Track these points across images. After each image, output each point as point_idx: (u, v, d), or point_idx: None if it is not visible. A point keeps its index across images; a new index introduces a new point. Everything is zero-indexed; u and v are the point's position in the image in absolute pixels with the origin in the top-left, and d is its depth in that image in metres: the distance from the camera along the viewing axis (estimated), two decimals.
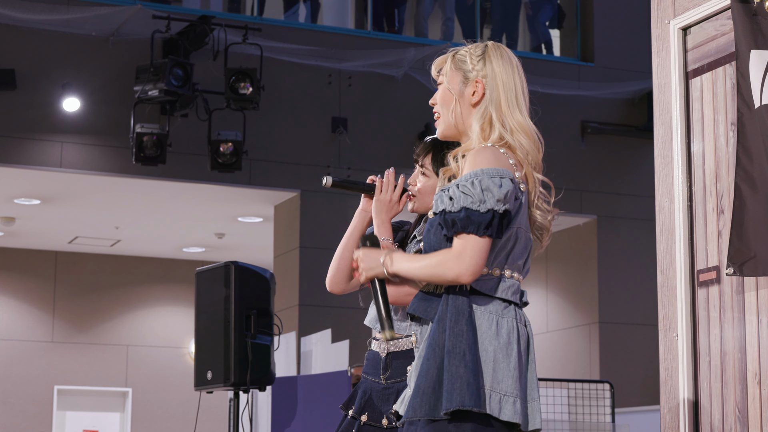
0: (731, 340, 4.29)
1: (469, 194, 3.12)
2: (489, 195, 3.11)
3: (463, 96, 3.32)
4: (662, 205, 4.63)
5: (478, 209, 3.10)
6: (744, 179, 4.11)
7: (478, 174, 3.13)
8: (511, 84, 3.35)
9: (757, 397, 4.16)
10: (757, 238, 4.06)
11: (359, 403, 4.09)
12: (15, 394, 14.70)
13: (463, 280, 3.10)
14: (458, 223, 3.12)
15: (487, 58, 3.33)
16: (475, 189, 3.12)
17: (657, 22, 4.74)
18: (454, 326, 3.10)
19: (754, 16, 4.14)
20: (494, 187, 3.11)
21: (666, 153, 4.63)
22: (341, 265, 4.11)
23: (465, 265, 3.09)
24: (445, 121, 3.35)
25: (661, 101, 4.68)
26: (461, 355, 3.05)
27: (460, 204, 3.12)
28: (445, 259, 3.11)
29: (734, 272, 4.14)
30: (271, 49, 11.44)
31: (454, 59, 3.36)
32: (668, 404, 4.50)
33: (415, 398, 3.08)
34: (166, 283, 15.56)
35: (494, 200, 3.11)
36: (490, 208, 3.10)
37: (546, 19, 13.54)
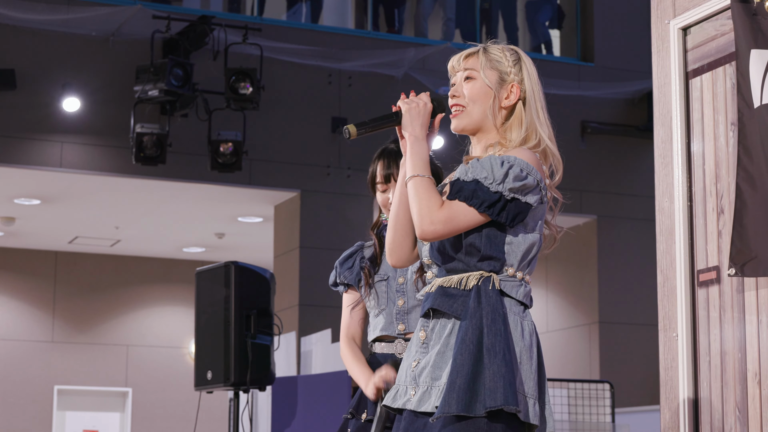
0: (731, 340, 4.29)
1: (486, 170, 3.15)
2: (508, 180, 3.13)
3: (498, 95, 3.32)
4: (662, 205, 4.63)
5: (488, 186, 3.13)
6: (745, 179, 4.11)
7: (510, 160, 3.17)
8: (541, 93, 3.38)
9: (757, 397, 4.16)
10: (758, 239, 4.06)
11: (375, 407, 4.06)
12: (15, 394, 14.70)
13: (420, 236, 3.14)
14: (463, 191, 3.14)
15: (523, 65, 3.35)
16: (496, 170, 3.14)
17: (657, 22, 4.74)
18: (492, 324, 3.10)
19: (754, 16, 4.14)
20: (515, 177, 3.14)
21: (666, 153, 4.63)
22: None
23: (444, 229, 3.12)
24: (472, 116, 3.33)
25: (661, 101, 4.68)
26: (501, 354, 3.06)
27: (474, 175, 3.15)
28: (433, 208, 3.13)
29: (736, 273, 4.14)
30: (271, 49, 11.44)
31: (488, 57, 3.35)
32: (668, 404, 4.50)
33: (450, 393, 3.05)
34: (166, 283, 15.56)
35: (508, 187, 3.13)
36: (500, 190, 3.13)
37: (545, 19, 13.54)
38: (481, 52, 3.37)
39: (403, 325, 4.06)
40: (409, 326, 4.07)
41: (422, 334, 3.24)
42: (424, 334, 3.23)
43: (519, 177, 3.15)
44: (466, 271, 3.19)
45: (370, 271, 4.18)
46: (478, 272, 3.18)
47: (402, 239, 3.32)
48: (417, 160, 3.23)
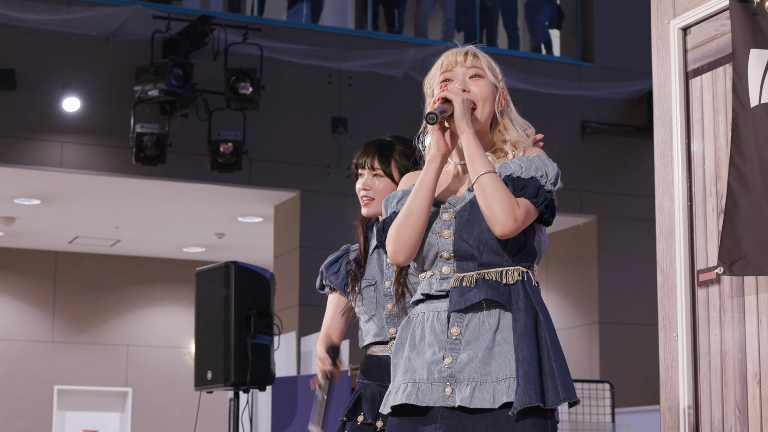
0: (731, 340, 4.29)
1: (541, 169, 3.21)
2: (557, 181, 3.22)
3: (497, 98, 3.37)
4: (662, 205, 4.63)
5: (545, 185, 3.19)
6: (736, 178, 4.11)
7: (548, 161, 3.24)
8: None
9: (757, 397, 4.16)
10: (748, 238, 4.06)
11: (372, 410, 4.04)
12: (15, 394, 14.70)
13: (501, 232, 3.13)
14: (528, 188, 3.17)
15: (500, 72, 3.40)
16: (550, 170, 3.22)
17: (657, 22, 4.74)
18: (545, 319, 3.14)
19: (754, 16, 4.14)
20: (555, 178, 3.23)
21: (666, 153, 4.63)
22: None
23: (516, 227, 3.13)
24: (483, 115, 3.33)
25: (661, 101, 4.68)
26: (561, 347, 3.12)
27: (531, 173, 3.19)
28: (513, 206, 3.13)
29: (724, 272, 4.14)
30: (271, 49, 11.44)
31: (486, 60, 3.38)
32: (668, 404, 4.50)
33: (528, 385, 3.05)
34: (166, 283, 15.56)
35: (554, 187, 3.22)
36: (552, 190, 3.21)
37: (545, 20, 13.54)
38: (480, 54, 3.38)
39: (394, 328, 4.03)
40: None
41: (455, 329, 3.17)
42: (458, 330, 3.17)
43: (559, 177, 3.25)
44: (502, 266, 3.17)
45: (357, 276, 4.14)
46: (515, 267, 3.17)
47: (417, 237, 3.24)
48: (480, 155, 3.20)
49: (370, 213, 4.09)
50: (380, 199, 4.04)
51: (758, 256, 4.03)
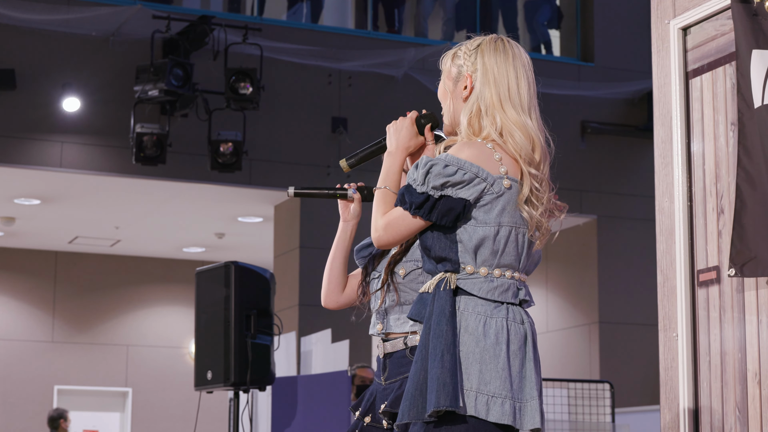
0: (731, 340, 4.29)
1: (412, 173, 3.18)
2: (430, 179, 3.13)
3: (455, 92, 3.30)
4: (662, 205, 4.63)
5: (415, 189, 3.15)
6: (744, 179, 4.11)
7: (434, 160, 3.16)
8: (504, 78, 3.25)
9: (757, 397, 4.16)
10: (758, 239, 4.05)
11: (365, 405, 4.11)
12: (15, 394, 14.70)
13: (376, 245, 3.23)
14: (399, 197, 3.20)
15: (480, 52, 3.28)
16: (419, 171, 3.16)
17: (657, 22, 4.74)
18: (436, 327, 3.09)
19: (755, 16, 4.14)
20: (437, 174, 3.13)
21: (666, 153, 4.63)
22: (332, 278, 4.12)
23: (386, 235, 3.20)
24: (446, 117, 3.36)
25: (661, 101, 4.68)
26: (440, 356, 3.04)
27: (407, 179, 3.20)
28: (377, 217, 3.23)
29: (736, 273, 4.13)
30: (271, 49, 11.44)
31: (454, 55, 3.35)
32: (668, 404, 4.50)
33: (404, 402, 3.08)
34: (166, 283, 15.56)
35: (431, 185, 3.13)
36: (425, 191, 3.13)
37: (545, 20, 13.54)
38: (453, 51, 3.36)
39: (381, 325, 4.06)
40: (386, 326, 4.06)
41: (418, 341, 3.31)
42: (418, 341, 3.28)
43: (442, 174, 3.12)
44: (434, 273, 3.20)
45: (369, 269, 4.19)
46: (439, 274, 3.18)
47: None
48: (383, 172, 3.32)
49: None
50: None
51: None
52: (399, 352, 4.02)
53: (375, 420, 4.05)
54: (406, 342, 4.00)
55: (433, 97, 11.03)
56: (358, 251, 4.29)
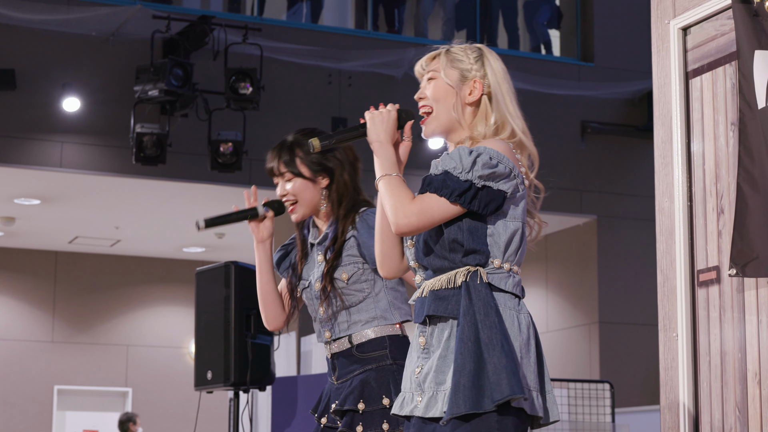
0: (731, 340, 4.29)
1: (455, 160, 3.15)
2: (476, 168, 3.12)
3: (458, 94, 3.33)
4: (662, 205, 4.63)
5: (458, 176, 3.12)
6: (746, 179, 4.10)
7: (479, 149, 3.16)
8: (510, 85, 3.37)
9: (757, 397, 4.16)
10: (760, 239, 4.06)
11: (321, 407, 4.09)
12: (15, 394, 14.70)
13: (396, 232, 3.16)
14: (433, 183, 3.15)
15: (486, 60, 3.37)
16: (465, 159, 3.14)
17: (657, 22, 4.74)
18: (485, 319, 3.08)
19: (756, 17, 4.14)
20: (483, 164, 3.13)
21: (666, 153, 4.63)
22: (269, 303, 4.09)
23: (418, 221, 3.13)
24: (440, 118, 3.35)
25: (661, 101, 4.68)
26: (500, 346, 3.04)
27: (443, 167, 3.16)
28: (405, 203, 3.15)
29: (737, 273, 4.13)
30: (271, 49, 11.44)
31: (448, 56, 3.37)
32: (668, 404, 4.50)
33: (456, 394, 3.04)
34: (166, 283, 15.56)
35: (478, 175, 3.12)
36: (470, 179, 3.12)
37: (544, 20, 13.54)
38: (443, 53, 3.40)
39: (329, 332, 4.04)
40: (335, 332, 4.03)
41: (422, 340, 3.22)
42: (424, 340, 3.22)
43: (488, 164, 3.13)
44: (453, 268, 3.17)
45: (294, 282, 4.15)
46: (464, 268, 3.16)
47: (390, 250, 3.36)
48: (383, 161, 3.27)
49: (298, 218, 4.09)
50: (304, 201, 4.09)
51: None
52: (345, 351, 3.99)
53: (330, 420, 4.03)
54: (351, 340, 3.98)
55: None
56: (278, 264, 4.25)
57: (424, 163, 13.34)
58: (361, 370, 3.96)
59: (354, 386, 3.94)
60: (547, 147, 12.54)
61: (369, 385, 3.93)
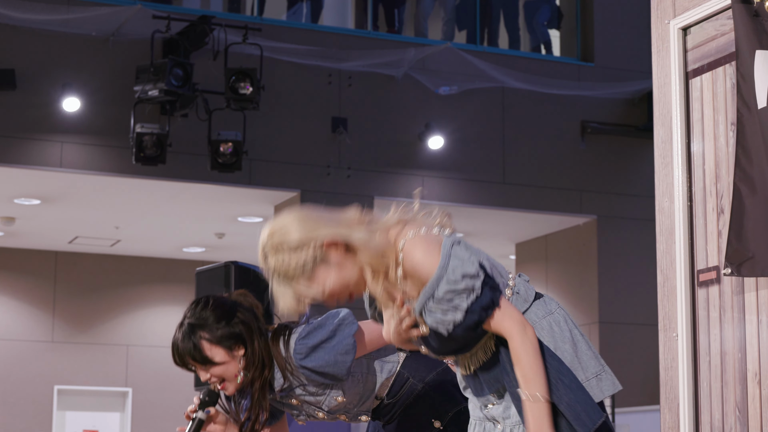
0: (731, 340, 4.29)
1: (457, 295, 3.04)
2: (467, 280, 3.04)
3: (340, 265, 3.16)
4: (662, 205, 4.63)
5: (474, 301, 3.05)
6: (743, 179, 4.10)
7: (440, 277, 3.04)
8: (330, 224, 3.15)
9: (757, 397, 4.16)
10: (756, 239, 4.05)
11: None
12: (15, 394, 14.70)
13: (531, 336, 3.08)
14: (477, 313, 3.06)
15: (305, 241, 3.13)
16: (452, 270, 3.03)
17: (657, 22, 4.74)
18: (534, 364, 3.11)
19: (756, 17, 4.14)
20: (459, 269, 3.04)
21: (666, 153, 4.63)
22: None
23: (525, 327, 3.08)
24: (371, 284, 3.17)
25: (661, 101, 4.68)
26: (559, 384, 3.07)
27: (464, 307, 3.05)
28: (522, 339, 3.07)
29: (732, 272, 4.13)
30: (271, 49, 11.44)
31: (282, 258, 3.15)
32: (668, 404, 4.50)
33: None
34: (166, 283, 15.56)
35: (469, 274, 3.05)
36: (472, 286, 3.04)
37: (544, 20, 13.54)
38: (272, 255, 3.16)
39: (366, 416, 4.01)
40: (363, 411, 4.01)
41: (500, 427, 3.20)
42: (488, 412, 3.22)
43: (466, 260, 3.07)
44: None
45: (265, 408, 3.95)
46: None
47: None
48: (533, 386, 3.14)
49: (232, 392, 3.87)
50: (230, 376, 3.83)
51: (767, 256, 4.03)
52: (377, 407, 3.98)
53: None
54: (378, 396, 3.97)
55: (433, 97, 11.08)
56: None
57: (423, 163, 13.30)
58: (402, 406, 3.95)
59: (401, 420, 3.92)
60: (547, 147, 12.55)
61: (415, 415, 3.93)
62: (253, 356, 3.82)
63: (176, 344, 3.83)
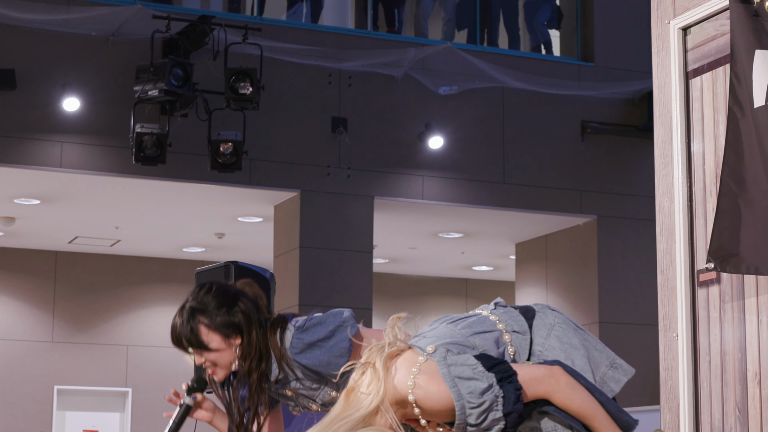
0: (731, 340, 4.28)
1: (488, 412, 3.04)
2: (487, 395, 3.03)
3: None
4: (662, 205, 4.63)
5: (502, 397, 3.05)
6: (731, 177, 4.11)
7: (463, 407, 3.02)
8: None
9: (757, 397, 4.16)
10: (743, 237, 4.06)
11: None
12: (15, 394, 14.70)
13: (563, 381, 3.15)
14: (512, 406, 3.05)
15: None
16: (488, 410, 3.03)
17: (657, 22, 4.74)
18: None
19: (756, 17, 4.14)
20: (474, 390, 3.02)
21: (666, 153, 4.63)
22: None
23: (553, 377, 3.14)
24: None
25: (661, 101, 4.68)
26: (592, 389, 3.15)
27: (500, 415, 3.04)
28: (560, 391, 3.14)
29: (715, 267, 4.14)
30: (271, 49, 11.43)
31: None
32: (668, 404, 4.50)
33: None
34: (166, 283, 15.55)
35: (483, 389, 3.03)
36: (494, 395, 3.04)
37: (544, 20, 13.54)
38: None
39: None
40: None
41: None
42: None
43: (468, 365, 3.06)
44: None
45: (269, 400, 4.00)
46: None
47: None
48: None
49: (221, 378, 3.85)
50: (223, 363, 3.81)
51: (753, 254, 4.03)
52: None
53: None
54: None
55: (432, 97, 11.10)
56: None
57: (423, 163, 13.28)
58: None
59: None
60: (547, 147, 12.55)
61: None
62: (249, 347, 3.77)
63: (175, 326, 3.82)
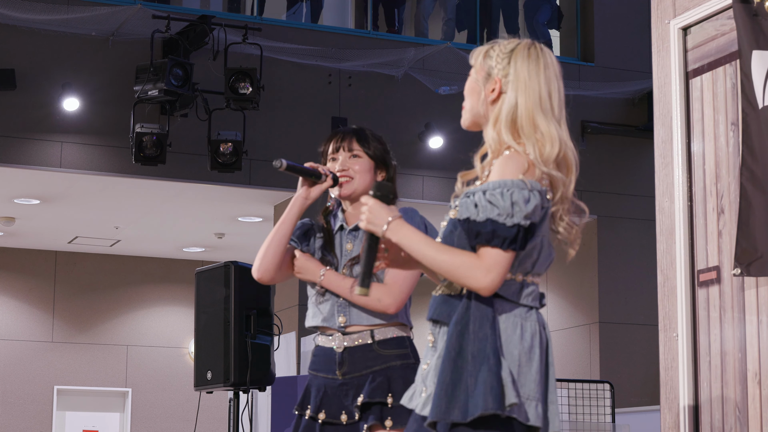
0: (731, 340, 4.28)
1: (496, 205, 3.06)
2: (517, 209, 3.05)
3: (482, 92, 3.28)
4: (662, 205, 4.63)
5: (504, 222, 3.05)
6: (749, 179, 4.10)
7: (509, 185, 3.07)
8: (536, 86, 3.33)
9: (757, 397, 4.16)
10: (764, 238, 4.05)
11: (315, 402, 4.02)
12: (15, 394, 14.70)
13: (484, 293, 3.06)
14: (483, 235, 3.06)
15: (513, 57, 3.29)
16: (504, 201, 3.06)
17: (657, 22, 4.74)
18: (478, 330, 3.06)
19: (755, 17, 4.14)
20: (522, 202, 3.06)
21: (666, 153, 4.63)
22: (276, 252, 4.06)
23: (490, 279, 3.04)
24: (470, 111, 3.32)
25: (661, 101, 4.68)
26: (486, 359, 3.02)
27: (486, 215, 3.06)
28: (472, 265, 3.05)
29: (741, 272, 4.13)
30: (271, 49, 11.43)
31: (486, 53, 3.30)
32: (668, 404, 4.50)
33: (436, 400, 3.04)
34: (166, 283, 15.55)
35: (522, 215, 3.05)
36: (517, 222, 3.05)
37: (544, 20, 13.54)
38: (486, 48, 3.32)
39: (344, 317, 4.02)
40: (350, 319, 4.01)
41: (430, 337, 3.22)
42: (432, 338, 3.21)
43: (524, 200, 3.07)
44: None
45: (330, 260, 4.13)
46: None
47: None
48: (415, 240, 3.13)
49: (346, 193, 4.09)
50: (359, 179, 4.09)
51: None
52: (364, 346, 3.96)
53: (331, 416, 3.98)
54: (374, 336, 3.96)
55: (432, 97, 11.12)
56: (300, 238, 4.22)
57: (423, 163, 13.29)
58: (382, 365, 3.94)
59: (380, 380, 3.91)
60: None
61: (396, 381, 3.92)
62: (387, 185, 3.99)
63: (340, 130, 4.19)
